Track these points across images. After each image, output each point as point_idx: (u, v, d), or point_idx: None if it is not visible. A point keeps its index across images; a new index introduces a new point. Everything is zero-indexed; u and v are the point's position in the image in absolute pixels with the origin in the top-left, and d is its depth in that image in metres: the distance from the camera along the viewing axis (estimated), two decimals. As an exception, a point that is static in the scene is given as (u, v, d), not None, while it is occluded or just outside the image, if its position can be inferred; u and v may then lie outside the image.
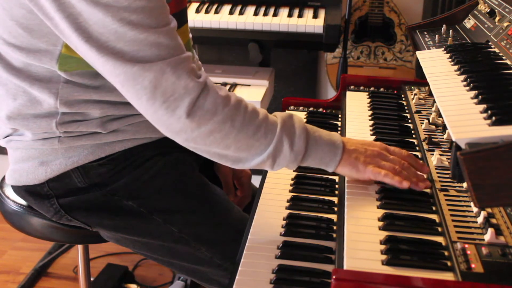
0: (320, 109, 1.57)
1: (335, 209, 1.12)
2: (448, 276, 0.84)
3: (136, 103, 1.01)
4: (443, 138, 1.23)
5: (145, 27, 0.97)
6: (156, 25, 0.98)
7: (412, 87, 1.52)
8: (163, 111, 0.99)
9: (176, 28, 1.05)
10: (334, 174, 1.16)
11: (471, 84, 1.05)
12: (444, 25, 1.49)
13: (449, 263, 0.86)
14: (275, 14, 2.20)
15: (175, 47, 1.00)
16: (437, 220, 0.97)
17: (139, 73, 0.97)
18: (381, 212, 1.00)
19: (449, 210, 0.97)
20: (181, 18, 1.29)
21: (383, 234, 0.94)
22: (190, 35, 1.39)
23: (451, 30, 1.46)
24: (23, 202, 1.30)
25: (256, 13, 2.21)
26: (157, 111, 0.99)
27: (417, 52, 1.35)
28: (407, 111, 1.44)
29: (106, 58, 0.97)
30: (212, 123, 1.00)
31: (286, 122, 1.06)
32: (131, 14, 0.95)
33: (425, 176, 1.09)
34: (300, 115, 1.51)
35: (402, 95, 1.53)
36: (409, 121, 1.38)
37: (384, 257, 0.88)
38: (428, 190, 1.06)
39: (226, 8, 2.26)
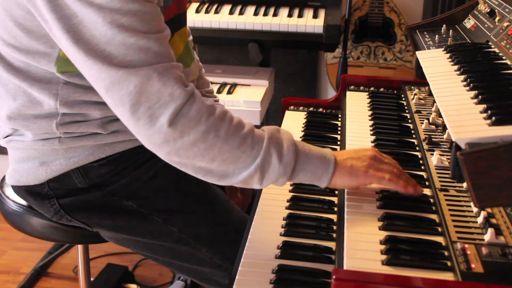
0: (320, 109, 1.57)
1: (335, 209, 1.12)
2: (448, 276, 0.84)
3: (119, 110, 0.97)
4: (443, 138, 1.23)
5: (135, 31, 0.95)
6: (147, 30, 0.97)
7: (412, 87, 1.52)
8: (146, 119, 0.95)
9: (169, 37, 1.04)
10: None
11: (471, 84, 1.05)
12: (444, 25, 1.49)
13: (449, 263, 0.86)
14: (275, 14, 2.20)
15: (164, 54, 0.98)
16: (437, 220, 0.97)
17: (125, 78, 0.94)
18: (381, 212, 1.00)
19: (449, 210, 0.97)
20: (181, 20, 1.29)
21: (383, 234, 0.94)
22: (191, 37, 1.39)
23: (451, 30, 1.46)
24: (23, 202, 1.30)
25: (256, 13, 2.21)
26: (140, 119, 0.95)
27: (417, 52, 1.35)
28: (407, 111, 1.44)
29: (93, 61, 0.95)
30: (195, 132, 0.96)
31: (273, 134, 1.02)
32: (123, 16, 0.94)
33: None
34: (300, 115, 1.51)
35: (402, 95, 1.53)
36: (409, 121, 1.38)
37: (384, 257, 0.88)
38: (428, 190, 1.06)
39: (226, 8, 2.25)
